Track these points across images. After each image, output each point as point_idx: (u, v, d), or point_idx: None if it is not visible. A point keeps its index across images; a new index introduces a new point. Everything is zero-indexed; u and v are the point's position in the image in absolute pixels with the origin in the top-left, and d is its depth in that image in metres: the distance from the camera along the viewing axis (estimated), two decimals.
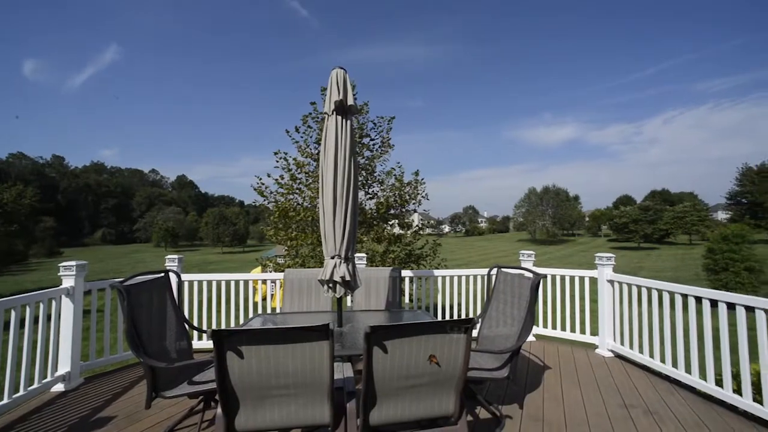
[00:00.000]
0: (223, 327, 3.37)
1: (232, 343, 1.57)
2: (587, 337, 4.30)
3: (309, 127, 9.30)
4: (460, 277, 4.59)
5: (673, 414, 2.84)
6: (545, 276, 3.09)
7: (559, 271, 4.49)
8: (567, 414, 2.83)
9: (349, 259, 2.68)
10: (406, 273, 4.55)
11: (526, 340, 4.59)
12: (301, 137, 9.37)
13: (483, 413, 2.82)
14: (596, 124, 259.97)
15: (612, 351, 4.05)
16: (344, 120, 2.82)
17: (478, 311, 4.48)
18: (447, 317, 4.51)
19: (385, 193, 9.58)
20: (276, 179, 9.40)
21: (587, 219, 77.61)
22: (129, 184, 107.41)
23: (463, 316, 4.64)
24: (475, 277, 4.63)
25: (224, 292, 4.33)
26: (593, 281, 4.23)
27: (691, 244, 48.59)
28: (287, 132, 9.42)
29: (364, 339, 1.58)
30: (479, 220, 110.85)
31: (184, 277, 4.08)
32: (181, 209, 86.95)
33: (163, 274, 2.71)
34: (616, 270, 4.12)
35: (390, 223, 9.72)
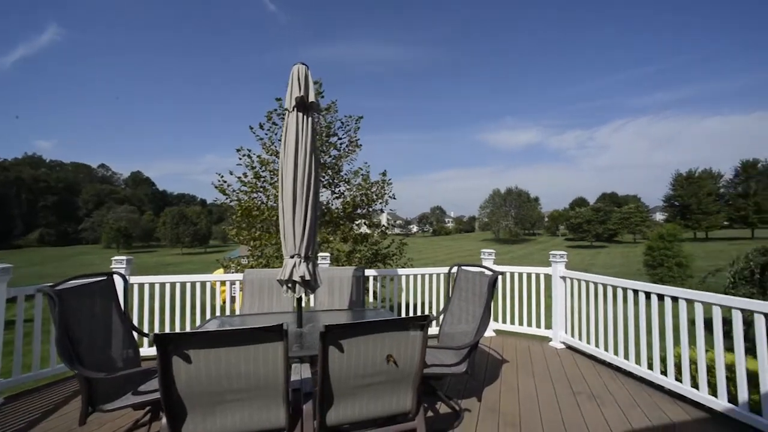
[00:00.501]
0: (177, 331, 3.17)
1: (178, 348, 1.49)
2: (542, 331, 4.54)
3: (274, 123, 9.05)
4: (423, 275, 4.67)
5: (613, 397, 3.07)
6: (503, 273, 3.22)
7: (517, 269, 4.70)
8: (521, 404, 2.97)
9: (309, 259, 2.63)
10: (370, 272, 4.56)
11: (487, 336, 4.79)
12: (266, 134, 9.10)
13: (443, 408, 2.89)
14: (555, 129, 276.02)
15: (564, 343, 4.30)
16: (305, 117, 2.76)
17: (442, 309, 4.58)
18: (411, 316, 4.57)
19: (351, 192, 9.53)
20: (239, 177, 9.05)
21: (546, 219, 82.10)
22: (73, 180, 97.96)
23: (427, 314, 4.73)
24: (438, 275, 4.72)
25: (179, 296, 4.09)
26: (548, 278, 4.47)
27: (635, 242, 52.92)
28: (251, 129, 9.11)
29: (320, 339, 1.55)
30: (446, 220, 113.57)
31: (133, 279, 3.81)
32: (136, 208, 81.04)
33: (105, 277, 2.51)
34: (570, 267, 4.39)
35: (357, 222, 9.69)
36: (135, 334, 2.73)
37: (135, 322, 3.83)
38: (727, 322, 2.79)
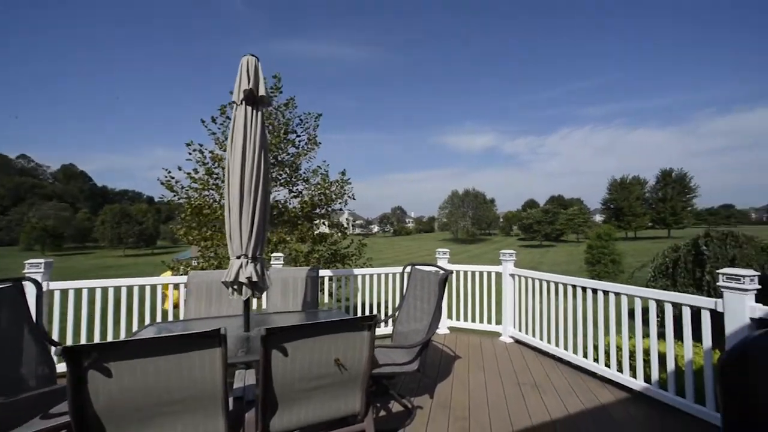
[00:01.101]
0: (93, 342, 2.87)
1: (95, 361, 1.33)
2: (493, 327, 4.75)
3: (228, 118, 8.57)
4: (380, 275, 4.68)
5: (553, 386, 3.29)
6: (452, 272, 3.31)
7: (469, 268, 4.88)
8: (471, 398, 3.08)
9: (257, 259, 2.51)
10: (325, 272, 4.47)
11: (441, 333, 4.92)
12: (219, 128, 8.60)
13: (396, 407, 2.90)
14: (510, 135, 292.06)
15: (513, 337, 4.54)
16: (254, 111, 2.64)
17: (396, 308, 4.63)
18: (358, 316, 4.55)
19: (310, 191, 9.33)
20: (188, 173, 8.46)
21: (501, 220, 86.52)
22: None
23: (383, 314, 4.74)
24: (394, 275, 4.76)
25: (113, 302, 3.71)
26: (498, 276, 4.69)
27: (578, 241, 57.55)
28: (203, 122, 8.56)
29: (260, 342, 1.48)
30: (407, 220, 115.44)
31: (54, 285, 3.39)
32: (68, 205, 72.45)
33: (11, 284, 2.19)
34: (521, 265, 4.64)
35: (316, 222, 9.49)
36: (52, 348, 2.42)
37: (56, 334, 3.42)
38: (647, 311, 3.10)
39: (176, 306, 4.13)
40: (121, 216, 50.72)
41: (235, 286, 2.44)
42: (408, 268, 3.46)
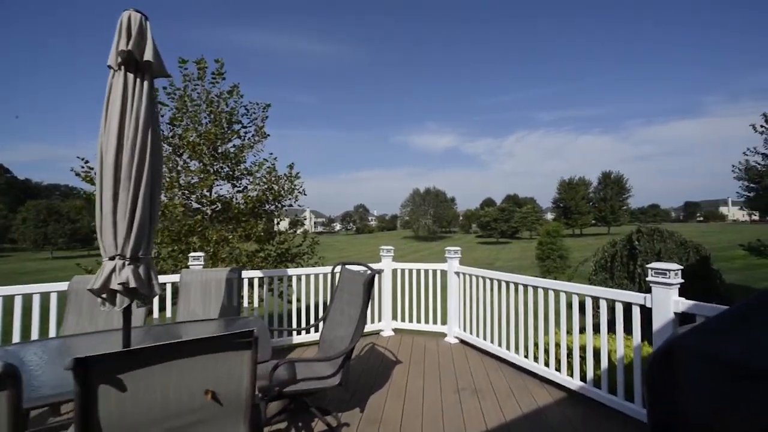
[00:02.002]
0: None
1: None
2: (439, 327, 4.56)
3: (160, 102, 7.67)
4: (317, 275, 4.30)
5: (493, 389, 3.14)
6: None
7: (414, 266, 4.66)
8: (406, 409, 2.82)
9: (138, 260, 2.04)
10: (254, 273, 4.01)
11: (385, 336, 4.66)
12: (170, 110, 7.67)
13: (319, 425, 2.57)
14: (470, 136, 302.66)
15: (458, 338, 4.38)
16: (138, 80, 2.15)
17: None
18: (297, 322, 4.16)
19: (256, 186, 8.67)
20: None
21: (461, 218, 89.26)
22: None
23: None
24: (334, 274, 4.41)
25: (20, 311, 2.97)
26: (444, 274, 4.51)
27: (531, 238, 60.89)
28: None
29: (74, 378, 1.06)
30: (369, 218, 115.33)
31: None
32: None
33: None
34: (478, 261, 4.50)
35: (275, 220, 8.85)
36: None
37: None
38: (585, 307, 3.04)
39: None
40: (48, 213, 45.10)
41: (105, 294, 1.95)
42: (337, 268, 3.13)
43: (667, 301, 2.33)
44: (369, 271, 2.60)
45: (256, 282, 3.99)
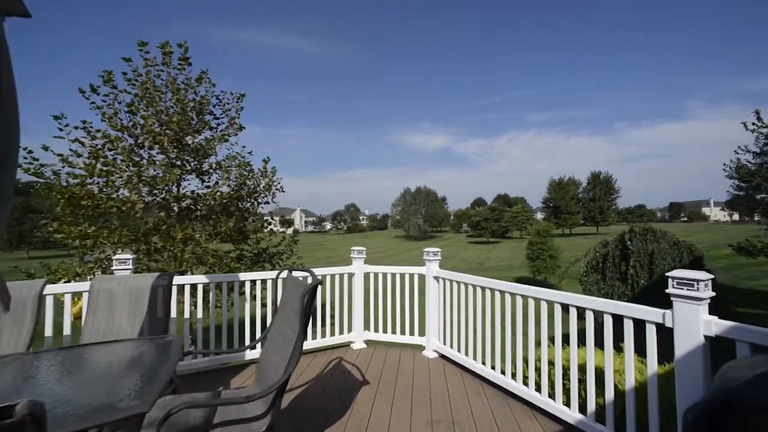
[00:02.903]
0: None
1: None
2: (416, 339, 4.02)
3: (115, 87, 6.95)
4: (276, 280, 3.71)
5: (474, 422, 2.60)
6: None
7: (389, 269, 4.11)
8: None
9: None
10: (189, 279, 3.40)
11: (356, 348, 4.10)
12: (105, 101, 6.95)
13: None
14: (462, 136, 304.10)
15: (437, 352, 3.84)
16: None
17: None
18: (250, 335, 3.55)
19: (227, 181, 8.00)
20: (63, 156, 6.71)
21: (452, 218, 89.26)
22: None
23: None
24: (277, 282, 3.83)
25: None
26: (423, 278, 3.97)
27: (521, 238, 61.07)
28: (81, 92, 6.83)
29: None
30: (360, 217, 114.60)
31: None
32: None
33: None
34: (468, 261, 4.00)
35: (234, 216, 8.18)
36: None
37: None
38: (584, 318, 2.53)
39: (77, 317, 2.90)
40: (23, 211, 43.29)
41: None
42: (283, 274, 2.55)
43: (695, 321, 1.81)
44: (309, 280, 2.02)
45: (200, 289, 3.38)
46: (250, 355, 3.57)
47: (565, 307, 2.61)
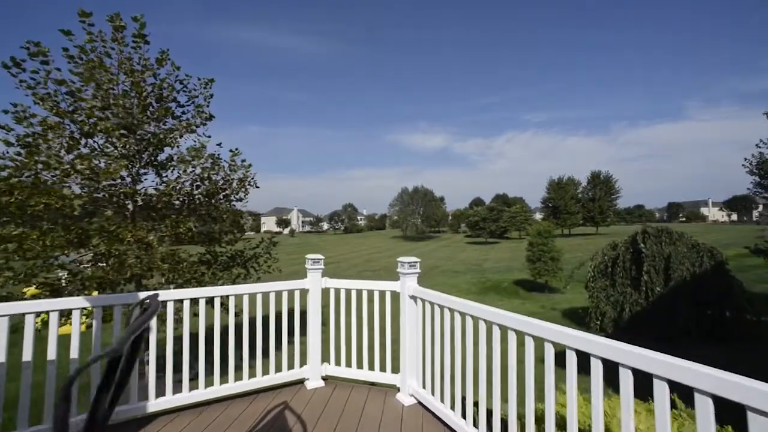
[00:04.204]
0: None
1: None
2: (389, 377, 3.06)
3: (46, 62, 5.93)
4: (197, 300, 2.74)
5: None
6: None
7: (354, 284, 3.14)
8: None
9: None
10: (73, 303, 2.41)
11: (311, 387, 3.10)
12: (35, 79, 5.93)
13: None
14: (460, 136, 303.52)
15: (414, 396, 2.88)
16: None
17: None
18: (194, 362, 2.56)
19: (187, 176, 7.02)
20: None
21: (450, 218, 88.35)
22: None
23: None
24: (244, 296, 2.86)
25: None
26: (397, 297, 3.01)
27: (520, 238, 60.21)
28: (5, 66, 5.82)
29: None
30: (358, 218, 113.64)
31: None
32: None
33: None
34: (467, 262, 3.06)
35: (195, 215, 7.20)
36: None
37: None
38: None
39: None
40: None
41: None
42: (143, 295, 1.58)
43: None
44: (146, 304, 1.05)
45: (77, 314, 2.40)
46: (187, 397, 2.60)
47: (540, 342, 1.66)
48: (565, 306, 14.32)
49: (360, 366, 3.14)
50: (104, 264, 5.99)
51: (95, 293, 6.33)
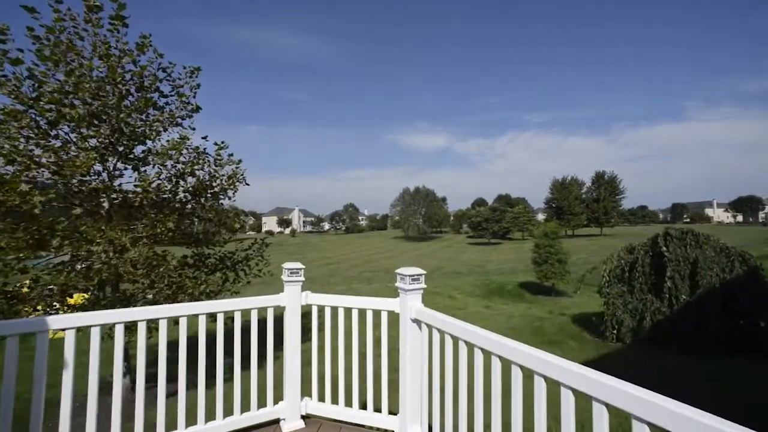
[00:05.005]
0: None
1: None
2: (385, 419, 2.41)
3: (2, 42, 5.28)
4: (112, 328, 2.09)
5: None
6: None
7: (342, 301, 2.49)
8: None
9: None
10: None
11: (290, 429, 2.44)
12: None
13: None
14: (461, 136, 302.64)
15: None
16: None
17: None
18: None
19: (165, 170, 6.38)
20: None
21: (452, 218, 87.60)
22: None
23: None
24: (179, 319, 2.20)
25: None
26: (396, 318, 2.36)
27: (523, 239, 59.45)
28: None
29: None
30: (360, 218, 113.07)
31: None
32: None
33: None
34: (469, 263, 2.45)
35: (176, 214, 6.57)
36: None
37: None
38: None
39: None
40: None
41: None
42: None
43: None
44: None
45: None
46: None
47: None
48: (574, 311, 13.63)
49: (349, 403, 2.49)
50: (68, 269, 5.37)
51: (71, 301, 5.74)
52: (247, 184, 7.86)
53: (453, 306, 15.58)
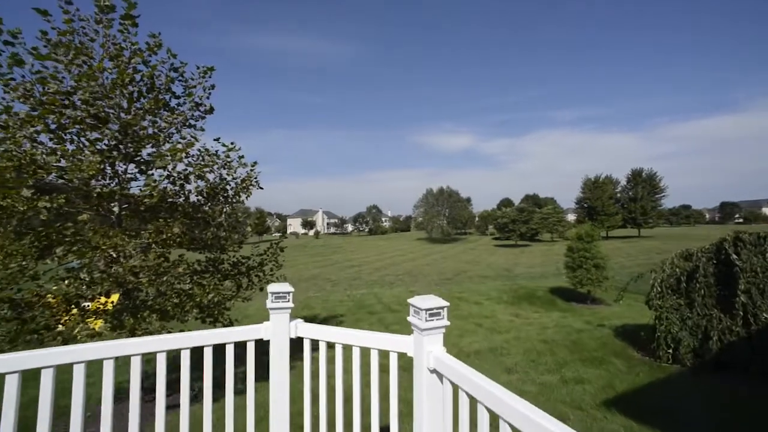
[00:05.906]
0: None
1: None
2: None
3: (11, 44, 5.18)
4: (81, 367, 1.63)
5: None
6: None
7: (342, 336, 1.92)
8: None
9: None
10: None
11: None
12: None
13: None
14: (486, 136, 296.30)
15: None
16: None
17: None
18: None
19: (176, 173, 6.11)
20: None
21: (477, 219, 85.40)
22: None
23: None
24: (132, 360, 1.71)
25: None
26: (409, 363, 1.76)
27: (552, 241, 56.79)
28: None
29: None
30: (383, 219, 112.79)
31: None
32: None
33: None
34: (495, 266, 2.16)
35: (180, 219, 6.28)
36: None
37: None
38: None
39: None
40: None
41: None
42: None
43: None
44: None
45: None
46: None
47: None
48: (615, 322, 12.37)
49: None
50: (74, 277, 5.16)
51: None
52: (261, 188, 7.53)
53: (480, 314, 14.67)
